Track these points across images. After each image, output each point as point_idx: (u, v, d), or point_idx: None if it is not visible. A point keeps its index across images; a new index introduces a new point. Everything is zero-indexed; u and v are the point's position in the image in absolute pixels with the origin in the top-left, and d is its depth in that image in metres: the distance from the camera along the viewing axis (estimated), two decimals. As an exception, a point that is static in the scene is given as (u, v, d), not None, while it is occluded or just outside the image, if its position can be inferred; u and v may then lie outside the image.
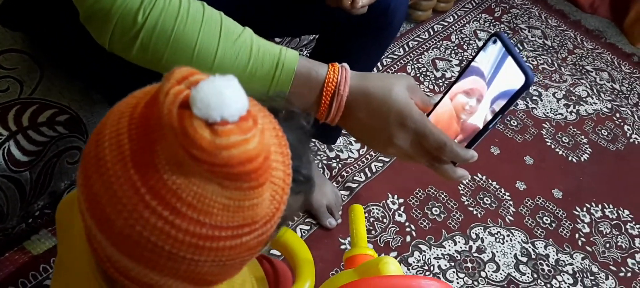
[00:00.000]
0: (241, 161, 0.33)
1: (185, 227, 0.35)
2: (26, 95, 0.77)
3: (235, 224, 0.37)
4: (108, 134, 0.37)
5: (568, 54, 1.67)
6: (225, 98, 0.32)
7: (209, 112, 0.32)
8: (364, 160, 1.21)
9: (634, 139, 1.46)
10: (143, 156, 0.35)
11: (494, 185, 1.24)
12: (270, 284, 0.65)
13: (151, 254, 0.37)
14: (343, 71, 0.62)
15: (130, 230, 0.36)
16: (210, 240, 0.36)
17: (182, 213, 0.35)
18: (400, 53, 1.48)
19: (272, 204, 0.38)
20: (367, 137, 0.64)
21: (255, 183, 0.35)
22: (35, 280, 0.90)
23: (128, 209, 0.35)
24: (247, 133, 0.33)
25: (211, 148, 0.33)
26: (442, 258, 1.09)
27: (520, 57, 0.55)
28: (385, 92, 0.60)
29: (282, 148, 0.39)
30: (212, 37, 0.58)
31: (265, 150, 0.35)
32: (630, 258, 1.19)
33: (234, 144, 0.33)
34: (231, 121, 0.33)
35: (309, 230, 1.06)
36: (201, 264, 0.38)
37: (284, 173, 0.39)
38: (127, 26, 0.56)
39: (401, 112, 0.60)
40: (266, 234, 0.39)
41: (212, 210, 0.35)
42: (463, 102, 0.60)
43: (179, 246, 0.36)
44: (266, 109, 0.40)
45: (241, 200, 0.36)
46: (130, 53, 0.59)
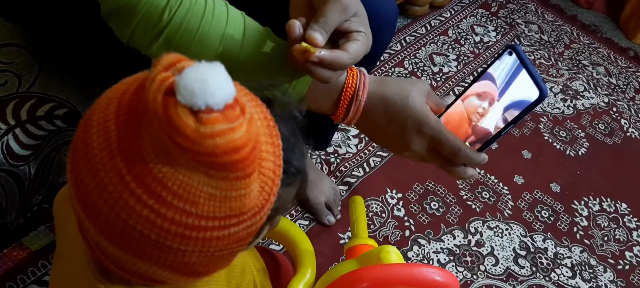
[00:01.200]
0: (226, 150, 0.33)
1: (171, 216, 0.35)
2: (24, 89, 0.77)
3: (222, 215, 0.36)
4: (96, 120, 0.36)
5: (565, 48, 1.67)
6: (209, 85, 0.32)
7: (193, 99, 0.31)
8: (363, 155, 1.21)
9: (630, 132, 1.47)
10: (129, 144, 0.35)
11: (492, 179, 1.24)
12: (271, 276, 0.65)
13: (137, 243, 0.36)
14: (362, 76, 0.63)
15: (116, 218, 0.36)
16: (196, 230, 0.36)
17: (168, 202, 0.35)
18: (398, 48, 1.48)
19: (261, 195, 0.37)
20: (383, 140, 0.66)
21: (242, 173, 0.35)
22: (33, 276, 0.89)
23: (113, 197, 0.35)
24: (233, 121, 0.33)
25: (195, 137, 0.32)
26: (441, 252, 1.09)
27: (535, 71, 0.57)
28: (402, 99, 0.62)
29: (273, 138, 0.39)
30: (236, 38, 0.59)
31: (252, 139, 0.34)
32: (628, 251, 1.19)
33: (218, 133, 0.32)
34: (216, 109, 0.32)
35: (308, 225, 1.06)
36: (188, 254, 0.37)
37: (274, 164, 0.38)
38: (152, 23, 0.56)
39: (418, 118, 0.61)
40: (255, 225, 0.38)
41: (199, 199, 0.35)
42: (475, 105, 0.61)
43: (165, 235, 0.36)
44: (258, 98, 0.39)
45: (228, 190, 0.35)
46: (150, 49, 0.59)
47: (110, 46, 0.64)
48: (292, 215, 1.07)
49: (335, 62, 0.56)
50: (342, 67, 0.57)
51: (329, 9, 0.57)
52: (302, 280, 0.57)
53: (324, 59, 0.55)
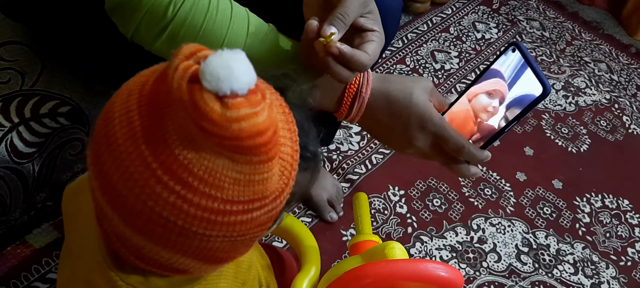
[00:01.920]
0: (251, 134, 0.34)
1: (198, 201, 0.36)
2: (28, 87, 0.77)
3: (246, 199, 0.37)
4: (118, 111, 0.37)
5: (566, 45, 1.67)
6: (234, 71, 0.33)
7: (219, 84, 0.32)
8: (365, 152, 1.21)
9: (632, 129, 1.47)
10: (154, 132, 0.35)
11: (494, 176, 1.24)
12: (275, 273, 0.65)
13: (163, 230, 0.37)
14: (365, 73, 0.63)
15: (143, 206, 0.36)
16: (222, 215, 0.37)
17: (194, 188, 0.35)
18: (399, 45, 1.48)
19: (281, 179, 0.38)
20: (386, 137, 0.66)
21: (265, 157, 0.36)
22: (37, 274, 0.89)
23: (140, 185, 0.36)
24: (256, 106, 0.34)
25: (221, 121, 0.33)
26: (443, 249, 1.09)
27: (537, 68, 0.57)
28: (406, 96, 0.62)
29: (289, 124, 0.40)
30: (240, 34, 0.59)
31: (274, 124, 0.35)
32: (630, 247, 1.19)
33: (243, 117, 0.33)
34: (240, 94, 0.33)
35: (311, 222, 1.07)
36: (213, 240, 0.38)
37: (291, 149, 0.39)
38: (156, 19, 0.56)
39: (422, 116, 0.62)
40: (276, 209, 0.39)
41: (224, 184, 0.36)
42: (485, 104, 0.61)
43: (191, 221, 0.36)
44: (272, 87, 0.40)
45: (251, 174, 0.36)
46: (154, 45, 0.59)
47: (114, 43, 0.65)
48: (294, 212, 1.07)
49: (355, 60, 0.56)
50: (361, 67, 0.57)
51: (349, 2, 0.57)
52: (307, 276, 0.57)
53: (344, 52, 0.56)
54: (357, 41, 0.59)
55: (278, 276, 0.65)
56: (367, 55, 0.57)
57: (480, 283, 1.05)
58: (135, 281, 0.44)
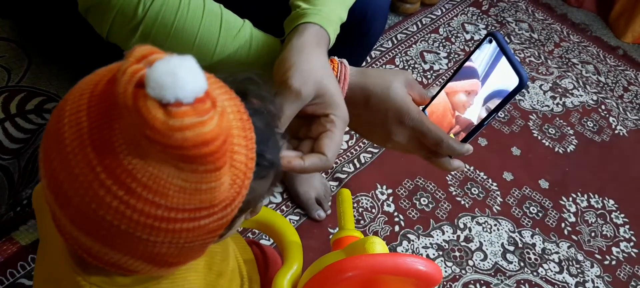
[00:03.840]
0: (196, 144, 0.33)
1: (141, 207, 0.35)
2: (14, 83, 0.77)
3: (192, 207, 0.36)
4: (68, 110, 0.36)
5: (554, 46, 1.69)
6: (179, 78, 0.31)
7: (162, 92, 0.31)
8: (353, 152, 1.22)
9: (619, 130, 1.48)
10: (100, 135, 0.35)
11: (481, 175, 1.25)
12: (260, 269, 0.66)
13: (108, 233, 0.36)
14: (342, 67, 0.62)
15: (87, 208, 0.36)
16: (166, 222, 0.36)
17: (137, 194, 0.35)
18: (389, 46, 1.49)
19: (232, 188, 0.38)
20: (366, 132, 0.65)
21: (212, 166, 0.35)
22: (23, 271, 0.89)
23: (84, 187, 0.35)
24: (203, 115, 0.32)
25: (164, 130, 0.32)
26: (430, 248, 1.10)
27: (514, 58, 0.56)
28: (383, 90, 0.61)
29: (246, 132, 0.39)
30: (212, 31, 0.59)
31: (223, 133, 0.34)
32: (615, 246, 1.21)
33: (188, 126, 0.32)
34: (186, 102, 0.32)
35: (298, 220, 1.07)
36: (159, 245, 0.37)
37: (246, 157, 0.38)
38: (127, 18, 0.57)
39: (399, 109, 0.61)
40: (226, 217, 0.39)
41: (168, 191, 0.35)
42: (463, 101, 0.61)
43: (134, 226, 0.36)
44: (232, 91, 0.39)
45: (198, 183, 0.35)
46: (128, 44, 0.59)
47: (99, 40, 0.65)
48: (282, 210, 1.08)
49: (312, 169, 0.54)
50: (322, 169, 0.56)
51: (279, 99, 0.55)
52: (289, 271, 0.58)
53: (294, 168, 0.54)
54: (315, 130, 0.57)
55: (262, 272, 0.66)
56: (325, 158, 0.55)
57: (466, 282, 1.06)
58: (98, 280, 0.44)
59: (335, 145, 0.56)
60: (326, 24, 0.60)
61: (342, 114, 0.57)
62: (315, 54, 0.57)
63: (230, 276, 0.56)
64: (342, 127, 0.57)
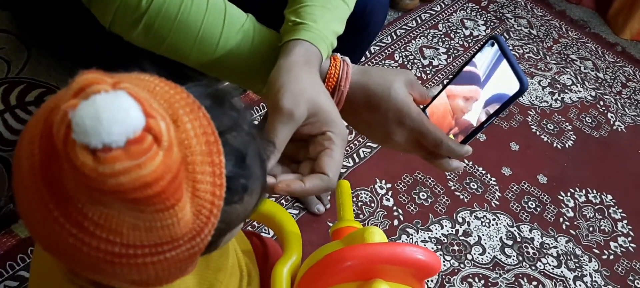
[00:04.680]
0: (134, 188, 0.30)
1: (96, 245, 0.33)
2: (13, 75, 0.77)
3: (152, 243, 0.34)
4: (26, 138, 0.34)
5: (553, 43, 1.69)
6: (103, 122, 0.28)
7: (87, 138, 0.28)
8: (352, 146, 1.22)
9: (617, 126, 1.49)
10: (51, 171, 0.32)
11: (480, 170, 1.26)
12: (259, 260, 0.66)
13: (75, 262, 0.35)
14: (345, 66, 0.62)
15: (49, 240, 0.34)
16: (126, 257, 0.34)
17: (91, 232, 0.33)
18: (388, 41, 1.49)
19: (198, 219, 0.35)
20: (365, 130, 0.65)
21: (161, 206, 0.32)
22: (23, 263, 0.90)
23: (41, 221, 0.34)
24: (139, 157, 0.29)
25: (95, 176, 0.29)
26: (429, 242, 1.10)
27: (516, 63, 0.56)
28: (384, 90, 0.60)
29: (213, 156, 0.35)
30: (216, 25, 0.58)
31: (170, 170, 0.31)
32: (613, 241, 1.21)
33: (120, 171, 0.29)
34: (115, 146, 0.29)
35: (298, 214, 1.07)
36: (129, 274, 0.35)
37: (213, 185, 0.35)
38: (130, 9, 0.56)
39: (399, 110, 0.60)
40: (198, 246, 0.36)
41: (122, 230, 0.33)
42: (462, 106, 0.61)
43: (95, 261, 0.34)
44: (201, 108, 0.36)
45: (151, 221, 0.33)
46: (130, 35, 0.58)
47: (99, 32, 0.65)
48: (281, 204, 1.08)
49: (314, 190, 0.52)
50: (325, 190, 0.54)
51: (272, 122, 0.53)
52: (288, 262, 0.58)
53: (294, 192, 0.52)
54: (313, 150, 0.55)
55: (262, 263, 0.66)
56: (327, 179, 0.53)
57: (464, 275, 1.07)
58: (89, 284, 0.43)
59: (335, 163, 0.54)
60: (317, 41, 0.58)
61: (340, 131, 0.55)
62: (306, 73, 0.55)
63: (230, 271, 0.56)
64: (341, 144, 0.55)
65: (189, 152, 0.34)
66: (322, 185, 0.53)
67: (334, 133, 0.55)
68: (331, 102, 0.56)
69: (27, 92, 0.77)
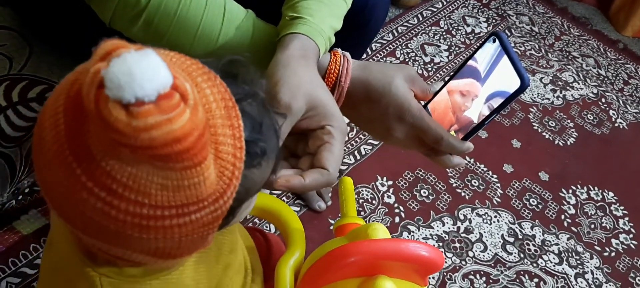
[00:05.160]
0: (166, 142, 0.31)
1: (125, 207, 0.34)
2: (16, 71, 0.77)
3: (179, 203, 0.35)
4: (48, 112, 0.35)
5: (555, 40, 1.69)
6: (136, 77, 0.30)
7: (121, 93, 0.30)
8: (354, 143, 1.22)
9: (619, 123, 1.49)
10: (77, 137, 0.34)
11: (481, 167, 1.26)
12: (262, 256, 0.66)
13: (100, 232, 0.36)
14: (345, 61, 0.61)
15: (75, 210, 0.35)
16: (154, 220, 0.35)
17: (119, 195, 0.34)
18: (390, 38, 1.49)
19: (221, 180, 0.36)
20: (366, 126, 0.65)
21: (190, 163, 0.33)
22: (25, 260, 0.90)
23: (69, 190, 0.34)
24: (169, 112, 0.30)
25: (128, 131, 0.30)
26: (430, 239, 1.10)
27: (517, 60, 0.56)
28: (384, 85, 0.60)
29: (232, 120, 0.37)
30: (215, 20, 0.58)
31: (198, 127, 0.32)
32: (615, 238, 1.21)
33: (153, 125, 0.30)
34: (148, 101, 0.30)
35: (299, 211, 1.07)
36: (154, 241, 0.36)
37: (234, 147, 0.37)
38: (130, 5, 0.56)
39: (400, 106, 0.60)
40: (220, 209, 0.37)
41: (150, 190, 0.34)
42: (459, 102, 0.61)
43: (123, 226, 0.35)
44: (217, 77, 0.37)
45: (179, 180, 0.34)
46: (130, 31, 0.58)
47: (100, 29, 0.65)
48: (283, 200, 1.08)
49: (314, 185, 0.52)
50: (325, 185, 0.53)
51: None
52: (292, 258, 0.58)
53: (294, 187, 0.52)
54: (312, 144, 0.55)
55: (265, 259, 0.66)
56: (327, 173, 0.53)
57: (466, 272, 1.07)
58: (108, 271, 0.44)
59: (335, 157, 0.54)
60: (314, 35, 0.58)
61: (339, 124, 0.55)
62: (302, 66, 0.55)
63: (237, 268, 0.56)
64: (340, 137, 0.55)
65: (210, 115, 0.35)
66: (322, 180, 0.53)
67: (333, 127, 0.55)
68: (330, 96, 0.56)
69: (29, 89, 0.77)
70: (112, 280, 0.44)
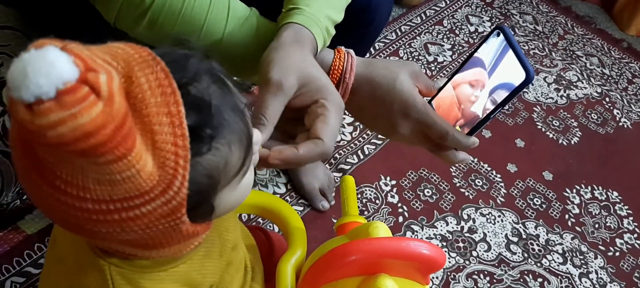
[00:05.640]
0: (75, 138, 0.30)
1: (71, 202, 0.34)
2: (20, 72, 0.77)
3: (121, 197, 0.34)
4: None
5: (559, 39, 1.68)
6: (29, 76, 0.29)
7: (19, 93, 0.29)
8: (357, 143, 1.22)
9: (623, 122, 1.48)
10: (25, 133, 0.33)
11: (485, 167, 1.26)
12: (264, 254, 0.66)
13: (67, 224, 0.37)
14: (349, 58, 0.62)
15: (40, 202, 0.36)
16: (102, 214, 0.35)
17: (63, 190, 0.34)
18: (393, 37, 1.49)
19: (163, 171, 0.35)
20: (371, 123, 0.65)
21: (112, 156, 0.32)
22: (29, 259, 0.90)
23: (28, 185, 0.36)
24: (72, 107, 0.29)
25: (34, 129, 0.30)
26: (434, 238, 1.10)
27: (522, 53, 0.56)
28: (389, 82, 0.60)
29: (170, 107, 0.35)
30: (220, 19, 0.59)
31: (114, 119, 0.31)
32: (619, 238, 1.21)
33: (57, 122, 0.29)
34: (46, 98, 0.29)
35: (302, 210, 1.07)
36: (117, 234, 0.36)
37: (173, 136, 0.35)
38: (135, 4, 0.56)
39: (405, 102, 0.60)
40: (175, 199, 0.36)
41: (88, 185, 0.34)
42: (468, 93, 0.61)
43: (79, 219, 0.35)
44: (159, 60, 0.36)
45: (110, 174, 0.33)
46: (135, 30, 0.59)
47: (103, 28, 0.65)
48: (286, 200, 1.08)
49: (308, 156, 0.51)
50: (321, 156, 0.53)
51: (262, 95, 0.52)
52: (293, 257, 0.58)
53: (288, 158, 0.51)
54: (308, 121, 0.55)
55: (266, 257, 0.66)
56: (322, 142, 0.52)
57: (469, 272, 1.06)
58: (118, 261, 0.44)
59: (330, 128, 0.53)
60: (309, 24, 0.58)
61: (333, 98, 0.54)
62: (294, 49, 0.55)
63: (237, 266, 0.56)
64: (335, 110, 0.54)
65: (143, 105, 0.34)
66: (316, 151, 0.52)
67: (327, 100, 0.54)
68: (322, 73, 0.56)
69: (33, 89, 0.77)
70: (122, 269, 0.44)
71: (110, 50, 0.35)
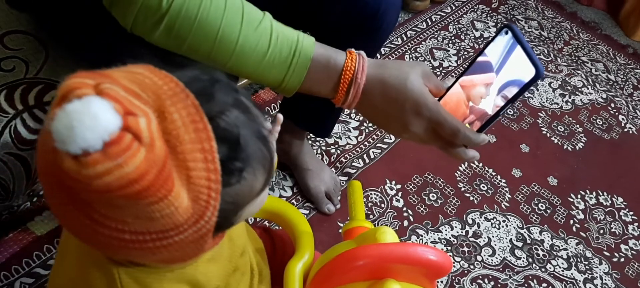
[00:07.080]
0: (121, 186, 0.31)
1: (108, 233, 0.35)
2: (32, 75, 0.78)
3: (156, 230, 0.36)
4: (40, 142, 0.36)
5: (564, 44, 1.69)
6: (76, 130, 0.30)
7: (66, 147, 0.30)
8: (363, 147, 1.23)
9: (628, 128, 1.48)
10: (69, 179, 0.34)
11: (490, 172, 1.26)
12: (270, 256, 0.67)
13: (98, 245, 0.38)
14: (361, 59, 0.63)
15: (71, 228, 0.37)
16: (138, 243, 0.36)
17: (101, 223, 0.35)
18: (399, 42, 1.50)
19: (197, 204, 0.36)
20: (383, 122, 0.66)
21: (154, 198, 0.33)
22: (39, 260, 0.91)
23: (60, 213, 0.37)
24: (118, 157, 0.30)
25: (82, 179, 0.31)
26: (439, 243, 1.11)
27: (531, 50, 0.57)
28: (401, 81, 0.62)
29: (203, 143, 0.36)
30: (234, 24, 0.59)
31: (156, 164, 0.32)
32: (624, 244, 1.21)
33: (104, 172, 0.31)
34: (93, 151, 0.30)
35: (309, 214, 1.08)
36: (149, 256, 0.38)
37: (206, 171, 0.36)
38: (151, 10, 0.57)
39: (416, 101, 0.62)
40: (205, 228, 0.38)
41: (127, 219, 0.35)
42: (477, 91, 0.62)
43: (112, 246, 0.37)
44: (190, 95, 0.36)
45: (150, 213, 0.34)
46: (152, 36, 0.60)
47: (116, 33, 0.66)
48: (292, 204, 1.09)
49: None
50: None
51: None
52: (301, 260, 0.59)
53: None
54: None
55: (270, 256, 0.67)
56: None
57: (474, 277, 1.07)
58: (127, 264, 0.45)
59: None
60: None
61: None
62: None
63: (243, 270, 0.57)
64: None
65: (178, 141, 0.35)
66: None
67: None
68: None
69: (45, 92, 0.79)
70: (129, 270, 0.45)
71: (136, 79, 0.36)
